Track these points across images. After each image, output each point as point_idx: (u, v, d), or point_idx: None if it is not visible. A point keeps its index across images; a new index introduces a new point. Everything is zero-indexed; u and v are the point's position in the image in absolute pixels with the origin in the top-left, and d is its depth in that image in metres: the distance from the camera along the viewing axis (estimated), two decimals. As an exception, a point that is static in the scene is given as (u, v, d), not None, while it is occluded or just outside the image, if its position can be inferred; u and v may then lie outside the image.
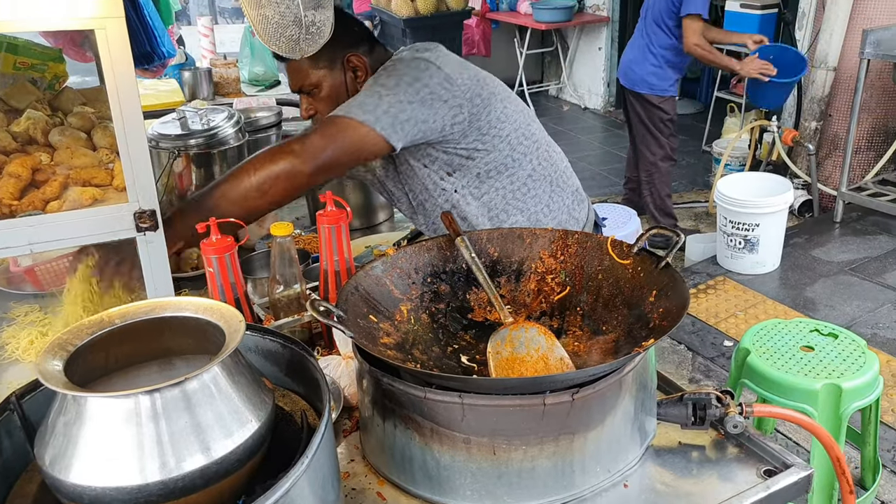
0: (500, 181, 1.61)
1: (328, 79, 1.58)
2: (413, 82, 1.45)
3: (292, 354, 0.99)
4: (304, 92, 1.61)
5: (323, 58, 1.54)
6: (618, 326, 1.14)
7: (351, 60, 1.58)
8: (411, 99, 1.44)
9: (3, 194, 1.14)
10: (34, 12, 0.99)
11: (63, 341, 0.80)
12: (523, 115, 1.64)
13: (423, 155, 1.57)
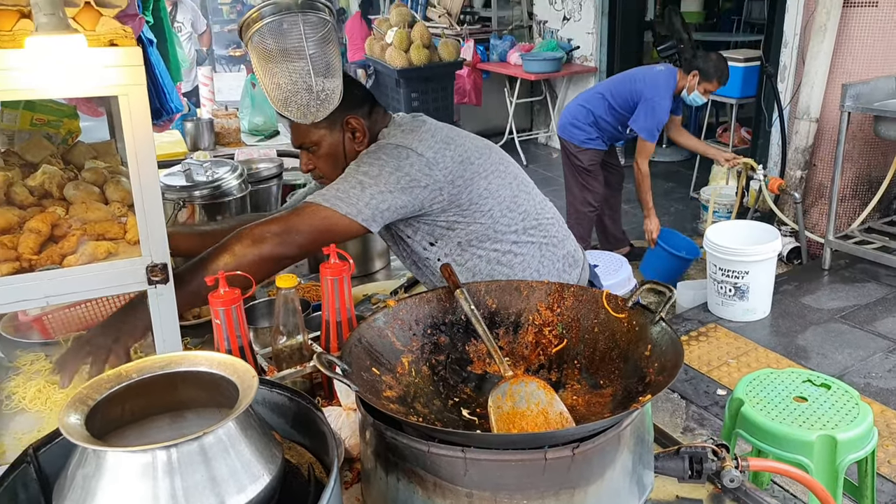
0: (483, 249, 1.68)
1: (328, 138, 1.66)
2: (394, 171, 1.54)
3: (299, 407, 1.03)
4: (304, 148, 1.69)
5: (323, 119, 1.60)
6: (615, 381, 1.18)
7: (350, 122, 1.65)
8: (392, 188, 1.53)
9: (24, 249, 1.18)
10: (67, 81, 1.04)
11: (84, 396, 0.83)
12: (510, 188, 1.70)
13: (406, 226, 1.66)
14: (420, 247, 1.70)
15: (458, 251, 1.68)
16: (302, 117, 1.40)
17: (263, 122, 3.64)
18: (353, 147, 1.67)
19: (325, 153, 1.67)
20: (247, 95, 3.66)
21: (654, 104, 3.88)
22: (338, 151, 1.67)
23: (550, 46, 6.86)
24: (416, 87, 6.82)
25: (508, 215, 1.69)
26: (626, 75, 4.19)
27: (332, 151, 1.67)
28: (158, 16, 1.98)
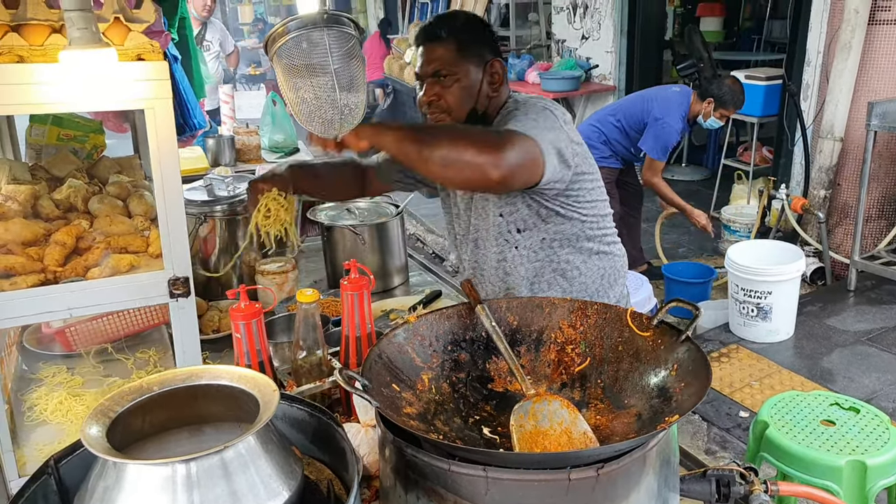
0: (559, 254, 1.68)
1: (471, 73, 1.60)
2: (549, 122, 1.52)
3: (319, 423, 1.02)
4: (438, 76, 1.60)
5: (473, 51, 1.60)
6: (639, 400, 1.16)
7: (494, 65, 1.62)
8: (555, 143, 1.49)
9: (50, 261, 1.19)
10: (97, 94, 1.06)
11: (105, 408, 0.83)
12: (603, 192, 1.71)
13: (506, 203, 1.64)
14: (506, 229, 1.66)
15: (537, 247, 1.67)
16: (326, 132, 1.40)
17: (283, 139, 3.67)
18: (487, 91, 1.63)
19: (460, 87, 1.59)
20: (267, 113, 3.69)
21: (664, 124, 3.84)
22: (473, 91, 1.61)
23: (569, 65, 6.87)
24: (435, 105, 6.85)
25: (599, 222, 1.71)
26: (638, 95, 4.17)
27: (468, 87, 1.60)
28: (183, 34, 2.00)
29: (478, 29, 1.66)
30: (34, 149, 1.84)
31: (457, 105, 1.61)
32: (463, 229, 1.80)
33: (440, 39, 1.60)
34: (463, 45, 1.60)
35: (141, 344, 1.70)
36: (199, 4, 4.77)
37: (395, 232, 2.27)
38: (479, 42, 1.63)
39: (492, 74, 1.62)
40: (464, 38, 1.61)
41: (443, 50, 1.59)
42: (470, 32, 1.64)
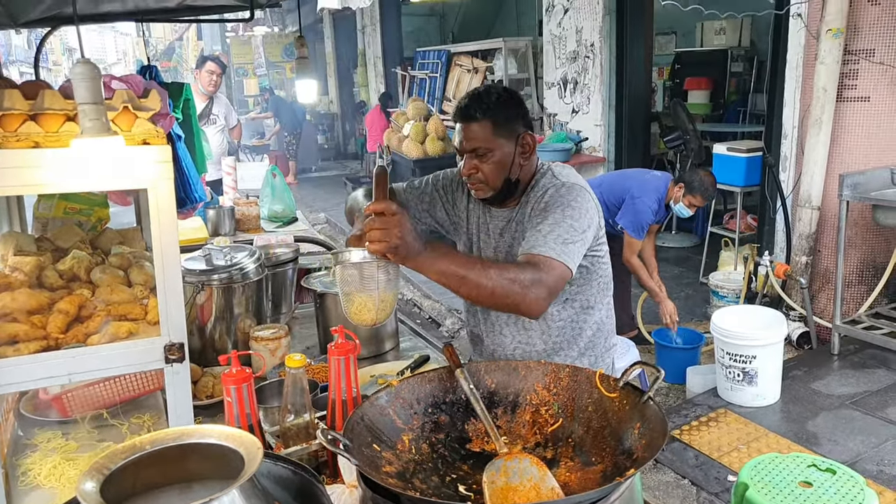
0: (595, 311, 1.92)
1: (504, 148, 1.76)
2: (584, 214, 1.72)
3: (302, 481, 1.08)
4: (475, 153, 1.76)
5: (505, 128, 1.75)
6: (605, 458, 1.22)
7: (525, 138, 1.78)
8: (584, 228, 1.70)
9: (52, 329, 1.28)
10: (105, 176, 1.17)
11: (100, 465, 0.90)
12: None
13: None
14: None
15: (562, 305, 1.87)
16: (364, 323, 1.54)
17: (282, 209, 3.80)
18: (519, 161, 1.78)
19: (495, 161, 1.76)
20: (267, 185, 3.84)
21: (638, 203, 4.00)
22: (507, 162, 1.77)
23: (560, 138, 7.12)
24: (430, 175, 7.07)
25: (608, 275, 1.94)
26: (621, 173, 4.35)
27: (502, 161, 1.76)
28: (187, 112, 2.14)
29: (510, 105, 1.79)
30: (41, 221, 1.94)
31: (493, 177, 1.77)
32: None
33: (476, 119, 1.74)
34: (497, 124, 1.74)
35: (136, 409, 1.76)
36: (205, 80, 5.00)
37: (386, 299, 2.35)
38: (511, 118, 1.77)
39: (523, 146, 1.78)
40: (498, 117, 1.75)
41: (479, 128, 1.74)
42: (503, 110, 1.76)
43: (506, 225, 1.89)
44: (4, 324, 1.25)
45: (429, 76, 10.29)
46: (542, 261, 1.60)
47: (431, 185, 2.02)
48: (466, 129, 1.77)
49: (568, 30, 7.02)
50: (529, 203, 1.81)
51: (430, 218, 2.02)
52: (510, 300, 1.54)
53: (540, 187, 1.81)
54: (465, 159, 1.80)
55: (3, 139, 1.14)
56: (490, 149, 1.75)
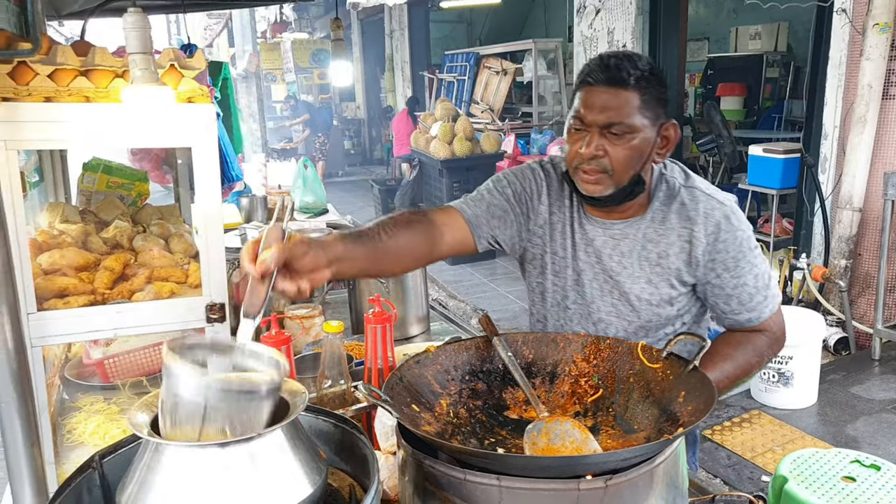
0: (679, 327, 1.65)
1: (645, 132, 1.39)
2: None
3: (343, 434, 1.07)
4: (609, 129, 1.37)
5: (652, 109, 1.39)
6: (648, 425, 1.20)
7: (669, 129, 1.44)
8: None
9: (99, 284, 1.29)
10: (151, 132, 1.18)
11: (149, 402, 0.90)
12: None
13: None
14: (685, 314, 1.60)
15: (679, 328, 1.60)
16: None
17: (313, 200, 3.83)
18: (653, 155, 1.43)
19: (631, 147, 1.38)
20: (299, 176, 3.87)
21: None
22: (644, 153, 1.40)
23: (590, 140, 7.08)
24: (458, 176, 7.08)
25: None
26: None
27: (640, 148, 1.39)
28: (226, 92, 2.17)
29: (661, 82, 1.40)
30: (84, 194, 1.98)
31: (623, 167, 1.39)
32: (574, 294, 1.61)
33: (623, 84, 1.35)
34: (645, 97, 1.36)
35: (173, 378, 1.78)
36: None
37: (418, 282, 2.35)
38: (661, 98, 1.40)
39: (665, 138, 1.43)
40: (650, 90, 1.37)
41: (624, 98, 1.35)
42: (656, 85, 1.38)
43: (625, 243, 1.52)
44: (55, 277, 1.27)
45: (457, 79, 10.34)
46: (771, 323, 1.53)
47: (499, 193, 1.57)
48: (604, 94, 1.36)
49: (599, 31, 6.99)
50: (665, 220, 1.48)
51: (493, 239, 1.57)
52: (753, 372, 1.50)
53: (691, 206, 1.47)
54: (591, 135, 1.38)
55: (55, 93, 1.16)
56: (631, 128, 1.36)
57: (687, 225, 1.46)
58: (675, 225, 1.47)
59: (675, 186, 1.50)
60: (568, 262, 1.59)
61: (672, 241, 1.48)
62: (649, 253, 1.50)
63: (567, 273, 1.59)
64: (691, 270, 1.48)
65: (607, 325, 1.58)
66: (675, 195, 1.49)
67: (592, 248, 1.55)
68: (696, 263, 1.47)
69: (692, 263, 1.47)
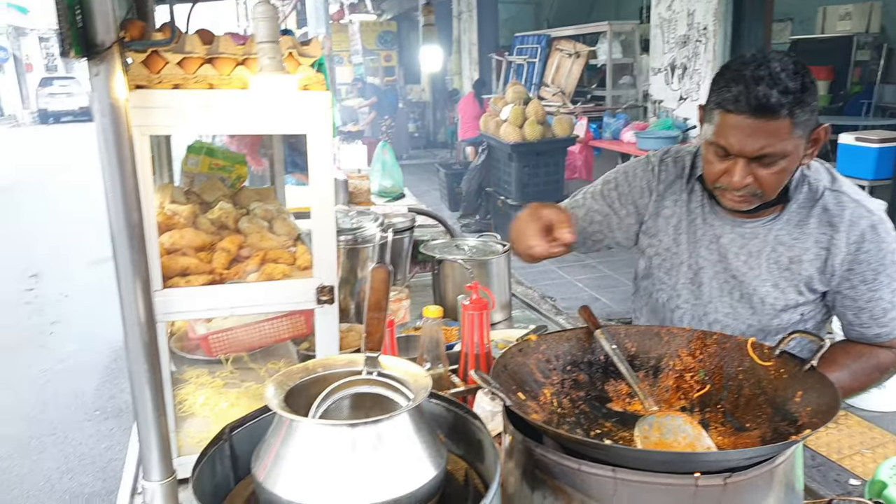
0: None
1: (796, 151, 1.31)
2: None
3: (455, 418, 1.09)
4: (760, 158, 1.30)
5: (805, 124, 1.28)
6: (762, 424, 1.17)
7: (819, 132, 1.33)
8: None
9: (217, 264, 1.35)
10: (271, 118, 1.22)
11: (281, 381, 0.94)
12: None
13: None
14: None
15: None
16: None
17: (391, 184, 3.87)
18: (803, 161, 1.36)
19: (782, 169, 1.32)
20: (378, 160, 3.92)
21: None
22: (794, 166, 1.35)
23: (666, 125, 6.90)
24: (528, 161, 7.03)
25: None
26: None
27: (790, 166, 1.33)
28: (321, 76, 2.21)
29: (813, 91, 1.28)
30: (188, 176, 2.05)
31: (773, 188, 1.35)
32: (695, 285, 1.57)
33: (774, 115, 1.24)
34: (798, 120, 1.26)
35: (271, 356, 1.84)
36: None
37: (503, 268, 2.35)
38: (812, 109, 1.28)
39: (814, 142, 1.34)
40: (802, 108, 1.26)
41: (775, 127, 1.26)
42: (807, 99, 1.26)
43: (754, 243, 1.47)
44: (177, 257, 1.33)
45: (527, 62, 10.21)
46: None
47: (602, 198, 1.60)
48: (752, 125, 1.26)
49: (679, 13, 6.78)
50: (802, 224, 1.42)
51: (602, 243, 1.64)
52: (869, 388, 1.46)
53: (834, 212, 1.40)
54: (741, 164, 1.31)
55: (183, 80, 1.20)
56: (784, 153, 1.28)
57: (827, 231, 1.40)
58: (814, 230, 1.42)
59: (818, 189, 1.43)
60: (684, 258, 1.54)
61: (808, 246, 1.42)
62: (780, 256, 1.45)
63: (681, 270, 1.55)
64: (824, 279, 1.43)
65: (723, 327, 1.54)
66: (818, 198, 1.42)
67: (717, 246, 1.50)
68: (831, 272, 1.41)
69: (826, 272, 1.42)
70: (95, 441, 3.82)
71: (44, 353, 4.99)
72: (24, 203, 10.43)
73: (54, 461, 3.61)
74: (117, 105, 1.04)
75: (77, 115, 25.55)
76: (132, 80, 1.14)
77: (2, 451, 3.71)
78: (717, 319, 1.54)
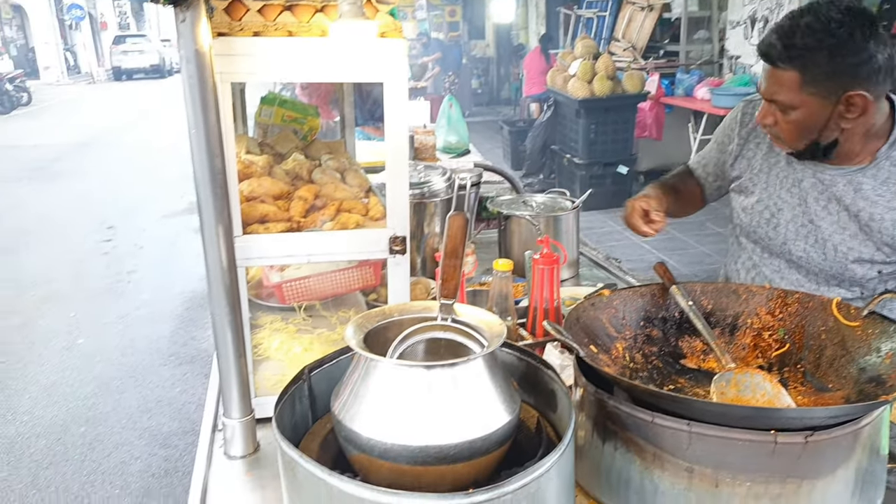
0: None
1: (811, 107, 1.37)
2: None
3: (528, 367, 1.10)
4: (775, 103, 1.42)
5: (822, 85, 1.33)
6: (846, 385, 1.14)
7: (853, 99, 1.33)
8: None
9: (294, 212, 1.38)
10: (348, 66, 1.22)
11: (360, 323, 0.96)
12: None
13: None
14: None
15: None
16: None
17: (457, 140, 3.85)
18: (840, 122, 1.37)
19: (796, 120, 1.39)
20: (444, 115, 3.90)
21: None
22: (816, 124, 1.39)
23: (743, 82, 6.60)
24: (597, 117, 6.85)
25: None
26: None
27: (806, 123, 1.39)
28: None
29: (837, 53, 1.30)
30: (262, 127, 2.09)
31: (791, 137, 1.44)
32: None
33: (777, 65, 1.36)
34: (809, 78, 1.33)
35: (341, 305, 1.89)
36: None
37: (571, 225, 2.33)
38: (836, 72, 1.31)
39: (848, 107, 1.35)
40: (811, 69, 1.32)
41: (784, 78, 1.36)
42: (822, 61, 1.31)
43: (835, 189, 1.47)
44: (256, 204, 1.36)
45: (596, 15, 9.89)
46: None
47: (714, 146, 1.74)
48: (769, 71, 1.39)
49: (763, -38, 6.41)
50: (890, 175, 1.41)
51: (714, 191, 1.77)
52: None
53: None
54: (764, 105, 1.45)
55: (263, 28, 1.21)
56: (792, 105, 1.37)
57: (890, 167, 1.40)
58: (883, 170, 1.41)
59: None
60: (763, 198, 1.59)
61: (890, 198, 1.40)
62: (860, 210, 1.44)
63: (758, 209, 1.61)
64: None
65: (796, 267, 1.58)
66: None
67: (798, 189, 1.53)
68: None
69: None
70: (171, 384, 4.02)
71: (122, 301, 5.25)
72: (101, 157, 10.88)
73: (135, 401, 3.83)
74: (202, 52, 1.06)
75: (148, 73, 26.33)
76: (214, 28, 1.16)
77: (88, 390, 3.95)
78: (791, 260, 1.58)
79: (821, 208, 1.50)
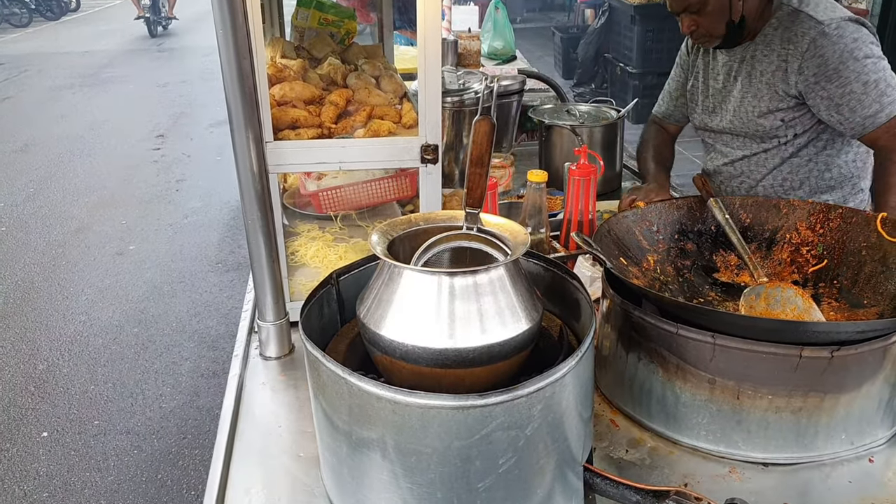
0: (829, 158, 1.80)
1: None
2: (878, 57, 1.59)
3: (553, 277, 1.10)
4: (689, 11, 1.71)
5: None
6: (882, 301, 1.11)
7: None
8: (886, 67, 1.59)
9: (325, 118, 1.37)
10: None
11: (385, 230, 0.97)
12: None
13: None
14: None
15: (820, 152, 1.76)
16: None
17: (502, 46, 3.72)
18: (739, 3, 1.67)
19: (711, 10, 1.68)
20: (489, 20, 3.75)
21: None
22: (724, 9, 1.68)
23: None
24: (653, 24, 6.51)
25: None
26: None
27: (717, 10, 1.68)
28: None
29: None
30: (298, 31, 2.05)
31: (714, 26, 1.71)
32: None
33: None
34: None
35: (377, 215, 1.90)
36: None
37: (615, 137, 2.26)
38: None
39: None
40: None
41: None
42: None
43: (738, 66, 1.79)
44: (287, 109, 1.36)
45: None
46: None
47: (676, 73, 2.06)
48: None
49: None
50: (769, 42, 1.70)
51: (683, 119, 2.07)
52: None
53: (792, 28, 1.64)
54: (681, 19, 1.74)
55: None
56: (703, 1, 1.66)
57: (786, 46, 1.65)
58: (777, 46, 1.67)
59: (785, 11, 1.68)
60: (703, 88, 1.90)
61: (772, 59, 1.69)
62: (753, 70, 1.74)
63: (701, 98, 1.92)
64: (790, 83, 1.65)
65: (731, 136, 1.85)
66: (783, 19, 1.68)
67: (720, 73, 1.83)
68: (794, 79, 1.63)
69: (789, 80, 1.65)
70: (218, 290, 4.18)
71: (171, 209, 5.40)
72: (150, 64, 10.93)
73: (184, 305, 4.00)
74: (227, -52, 1.03)
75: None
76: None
77: (140, 293, 4.14)
78: (722, 128, 1.86)
79: (731, 80, 1.81)
